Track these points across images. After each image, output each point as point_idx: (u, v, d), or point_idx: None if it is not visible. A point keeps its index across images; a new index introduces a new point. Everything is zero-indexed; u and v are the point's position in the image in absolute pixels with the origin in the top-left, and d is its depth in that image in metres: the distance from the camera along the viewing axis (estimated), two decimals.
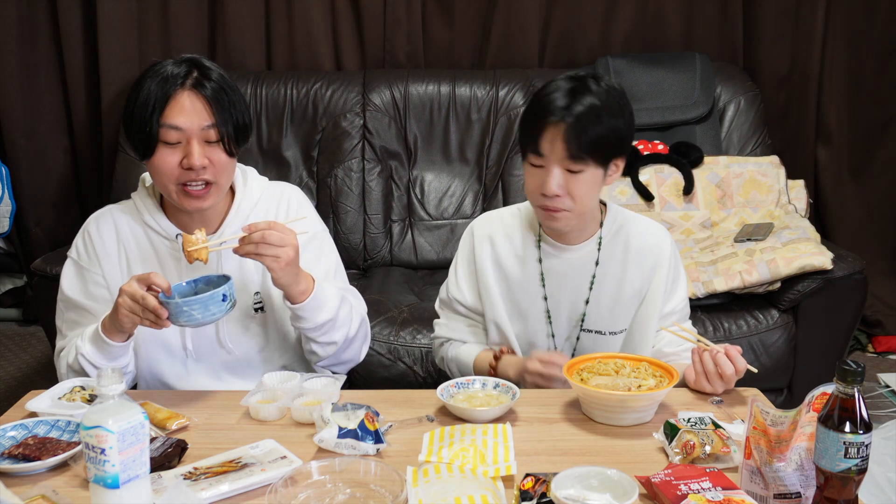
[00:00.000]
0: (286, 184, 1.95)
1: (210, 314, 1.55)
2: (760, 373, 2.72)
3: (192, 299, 1.54)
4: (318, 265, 1.83)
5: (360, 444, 1.40)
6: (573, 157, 1.66)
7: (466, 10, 3.58)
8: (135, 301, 1.56)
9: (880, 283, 3.69)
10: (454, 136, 3.39)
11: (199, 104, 1.67)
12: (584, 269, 1.83)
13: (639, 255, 1.83)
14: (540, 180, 1.70)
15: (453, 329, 1.96)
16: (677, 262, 1.87)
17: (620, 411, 1.52)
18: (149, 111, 1.65)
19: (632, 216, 1.88)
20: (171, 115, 1.65)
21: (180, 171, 1.67)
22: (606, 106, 1.67)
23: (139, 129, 1.66)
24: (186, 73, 1.68)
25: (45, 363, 3.50)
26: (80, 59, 3.55)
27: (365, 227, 3.31)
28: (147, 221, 1.79)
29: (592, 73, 1.72)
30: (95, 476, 1.20)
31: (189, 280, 1.65)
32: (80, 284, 1.80)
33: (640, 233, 1.85)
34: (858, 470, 1.14)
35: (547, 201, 1.71)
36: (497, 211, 1.95)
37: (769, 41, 3.60)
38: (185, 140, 1.66)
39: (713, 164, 3.13)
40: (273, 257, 1.61)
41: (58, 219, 3.75)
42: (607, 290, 1.83)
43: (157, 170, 1.69)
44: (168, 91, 1.65)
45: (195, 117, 1.66)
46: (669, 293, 1.85)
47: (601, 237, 1.84)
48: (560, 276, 1.84)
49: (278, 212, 1.85)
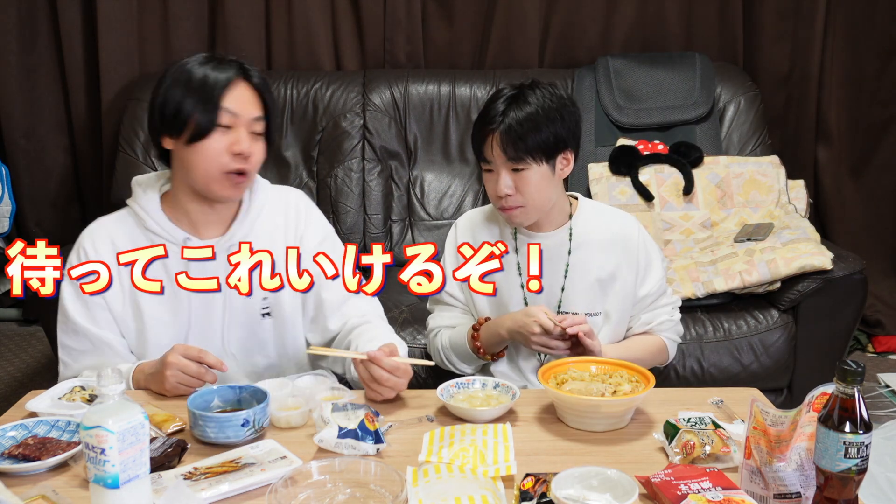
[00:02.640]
0: (291, 188, 1.96)
1: (225, 437, 1.45)
2: (760, 373, 2.76)
3: (209, 416, 1.46)
4: None
5: (360, 444, 1.40)
6: (512, 160, 1.81)
7: (466, 10, 3.58)
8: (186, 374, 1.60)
9: (880, 283, 3.69)
10: (454, 136, 3.39)
11: (253, 96, 1.72)
12: (558, 258, 1.93)
13: (610, 242, 1.94)
14: (492, 183, 1.85)
15: (445, 318, 2.03)
16: (647, 248, 1.97)
17: (594, 417, 1.51)
18: (212, 92, 1.67)
19: (601, 208, 2.03)
20: (230, 100, 1.68)
21: (228, 157, 1.69)
22: (541, 110, 1.80)
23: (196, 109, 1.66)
24: (240, 67, 1.73)
25: (45, 363, 3.50)
26: (80, 59, 3.54)
27: (365, 227, 3.31)
28: (151, 227, 1.77)
29: (534, 82, 1.87)
30: (95, 476, 1.20)
31: (235, 385, 1.59)
32: (82, 307, 1.75)
33: (609, 222, 1.97)
34: (858, 470, 1.14)
35: (502, 201, 1.85)
36: (479, 208, 2.08)
37: (769, 41, 3.59)
38: (235, 127, 1.69)
39: (713, 164, 3.13)
40: (377, 393, 1.64)
41: (58, 219, 3.75)
42: (581, 276, 1.92)
43: (205, 153, 1.68)
44: (231, 76, 1.69)
45: (249, 106, 1.71)
46: (642, 278, 1.94)
47: (571, 227, 1.95)
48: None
49: (287, 219, 1.85)
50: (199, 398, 1.52)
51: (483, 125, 1.84)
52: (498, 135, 1.80)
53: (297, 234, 1.85)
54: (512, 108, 1.81)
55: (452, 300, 2.03)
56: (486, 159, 1.84)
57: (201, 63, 1.71)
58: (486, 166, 1.86)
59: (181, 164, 1.73)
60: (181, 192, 1.77)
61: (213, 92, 1.67)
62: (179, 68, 1.71)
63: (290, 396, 1.59)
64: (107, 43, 3.45)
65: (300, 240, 1.84)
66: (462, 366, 2.01)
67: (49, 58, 3.58)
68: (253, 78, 1.73)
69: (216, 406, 1.54)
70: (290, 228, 1.85)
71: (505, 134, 1.80)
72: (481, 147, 1.85)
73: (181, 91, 1.68)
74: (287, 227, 1.85)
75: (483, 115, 1.85)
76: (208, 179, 1.71)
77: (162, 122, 1.71)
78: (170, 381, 1.61)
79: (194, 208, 1.77)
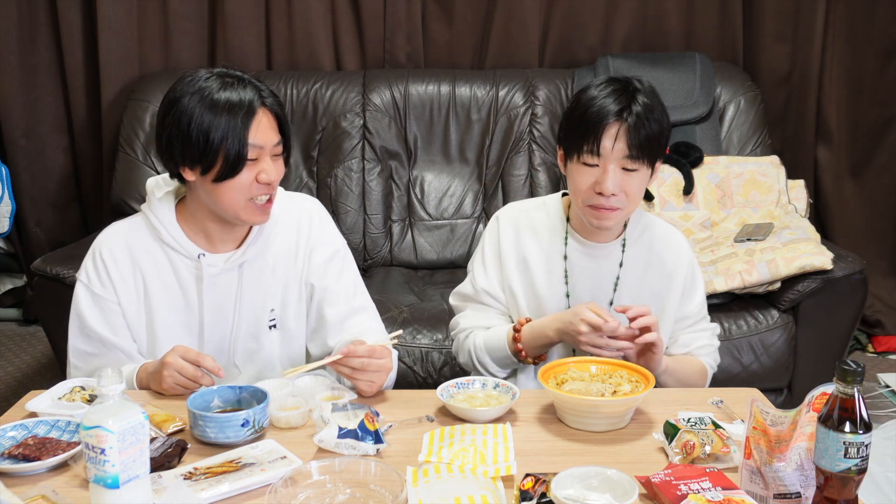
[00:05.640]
0: (305, 197, 1.90)
1: (225, 437, 1.44)
2: (760, 373, 2.76)
3: (209, 416, 1.45)
4: (339, 282, 1.83)
5: (360, 444, 1.40)
6: (631, 157, 1.68)
7: (466, 10, 3.58)
8: (183, 375, 1.60)
9: (880, 283, 3.69)
10: (454, 136, 3.39)
11: (272, 121, 1.67)
12: (608, 269, 1.84)
13: (660, 258, 1.85)
14: (593, 179, 1.71)
15: (481, 318, 1.90)
16: (695, 267, 1.89)
17: (594, 417, 1.51)
18: (240, 131, 1.61)
19: (653, 220, 1.91)
20: (255, 134, 1.63)
21: (255, 187, 1.65)
22: (655, 105, 1.71)
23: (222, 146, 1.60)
24: (255, 89, 1.65)
25: (45, 363, 3.50)
26: (80, 59, 3.54)
27: (365, 227, 3.31)
28: (166, 240, 1.73)
29: (628, 77, 1.75)
30: (95, 476, 1.20)
31: (235, 385, 1.59)
32: (99, 313, 1.73)
33: (663, 236, 1.88)
34: (858, 470, 1.14)
35: (602, 200, 1.71)
36: (521, 203, 1.95)
37: (769, 41, 3.59)
38: (260, 157, 1.65)
39: (713, 164, 3.13)
40: (368, 382, 1.63)
41: (58, 219, 3.75)
42: (629, 291, 1.84)
43: (236, 188, 1.64)
44: (254, 108, 1.63)
45: (271, 133, 1.66)
46: (687, 297, 1.86)
47: (625, 238, 1.85)
48: (584, 274, 1.84)
49: (299, 232, 1.82)
50: (199, 398, 1.52)
51: (600, 116, 1.68)
52: (626, 126, 1.67)
53: (308, 248, 1.82)
54: (632, 101, 1.68)
55: (492, 300, 1.89)
56: (600, 153, 1.69)
57: (219, 89, 1.63)
58: (592, 160, 1.70)
59: (205, 194, 1.68)
60: (200, 212, 1.73)
61: (240, 130, 1.61)
62: (197, 96, 1.62)
63: (289, 396, 1.59)
64: (107, 43, 3.45)
65: (309, 253, 1.81)
66: (495, 368, 1.87)
67: (49, 58, 3.58)
68: (269, 102, 1.67)
69: (216, 406, 1.54)
70: (301, 243, 1.82)
71: (634, 128, 1.67)
72: (597, 139, 1.68)
73: (204, 124, 1.61)
74: (298, 242, 1.81)
75: (596, 105, 1.69)
76: (236, 210, 1.67)
77: (184, 155, 1.64)
78: (166, 381, 1.61)
79: (213, 227, 1.73)
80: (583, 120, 1.71)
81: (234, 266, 1.75)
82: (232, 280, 1.75)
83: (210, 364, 1.61)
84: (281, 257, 1.79)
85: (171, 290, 1.75)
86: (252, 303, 1.77)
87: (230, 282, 1.75)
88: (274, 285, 1.79)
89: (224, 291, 1.76)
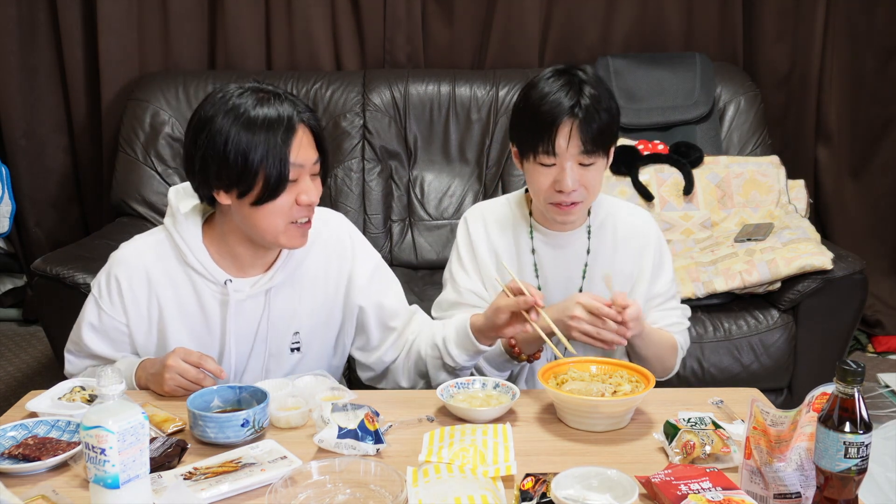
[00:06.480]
0: (331, 213, 1.83)
1: (224, 437, 1.44)
2: (760, 373, 2.76)
3: (209, 416, 1.45)
4: (388, 293, 1.81)
5: (360, 444, 1.40)
6: (587, 152, 1.68)
7: (466, 10, 3.58)
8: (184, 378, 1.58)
9: (880, 283, 3.69)
10: (454, 136, 3.39)
11: (310, 138, 1.60)
12: (575, 257, 1.85)
13: (626, 240, 1.86)
14: (552, 178, 1.71)
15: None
16: (662, 245, 1.89)
17: (594, 417, 1.51)
18: (280, 150, 1.53)
19: (616, 203, 1.92)
20: (296, 153, 1.56)
21: (295, 209, 1.58)
22: (602, 93, 1.70)
23: (262, 167, 1.52)
24: (292, 104, 1.58)
25: (45, 363, 3.50)
26: (80, 59, 3.54)
27: (365, 227, 3.31)
28: (191, 264, 1.66)
29: (573, 65, 1.77)
30: (95, 476, 1.20)
31: (235, 385, 1.57)
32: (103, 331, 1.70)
33: (627, 218, 1.88)
34: (858, 470, 1.14)
35: (563, 197, 1.71)
36: (486, 202, 1.95)
37: (769, 41, 3.59)
38: (299, 176, 1.58)
39: (713, 164, 3.13)
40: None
41: (58, 219, 3.75)
42: (599, 277, 1.84)
43: (276, 211, 1.57)
44: (294, 125, 1.55)
45: (311, 152, 1.59)
46: (655, 275, 1.86)
47: (590, 226, 1.86)
48: (553, 265, 1.85)
49: (332, 253, 1.76)
50: (199, 398, 1.52)
51: (551, 115, 1.66)
52: (577, 124, 1.65)
53: (346, 272, 1.77)
54: (581, 94, 1.66)
55: (478, 300, 1.85)
56: (555, 152, 1.67)
57: (255, 105, 1.54)
58: (548, 160, 1.69)
59: (241, 219, 1.60)
60: (231, 236, 1.65)
61: (280, 149, 1.53)
62: (231, 115, 1.54)
63: (289, 396, 1.59)
64: (107, 43, 3.45)
65: (349, 278, 1.77)
66: (489, 369, 1.83)
67: (49, 58, 3.58)
68: (307, 118, 1.58)
69: (216, 406, 1.54)
70: (334, 266, 1.76)
71: (585, 122, 1.65)
72: (551, 138, 1.67)
73: (242, 144, 1.52)
74: (330, 265, 1.76)
75: (546, 104, 1.67)
76: (276, 234, 1.60)
77: (220, 178, 1.56)
78: (168, 384, 1.60)
79: (243, 252, 1.67)
80: (534, 120, 1.69)
81: (260, 291, 1.70)
82: (258, 305, 1.70)
83: (212, 366, 1.60)
84: (310, 280, 1.74)
85: (190, 315, 1.70)
86: (276, 328, 1.73)
87: (256, 307, 1.70)
88: (301, 309, 1.74)
89: (249, 317, 1.71)
